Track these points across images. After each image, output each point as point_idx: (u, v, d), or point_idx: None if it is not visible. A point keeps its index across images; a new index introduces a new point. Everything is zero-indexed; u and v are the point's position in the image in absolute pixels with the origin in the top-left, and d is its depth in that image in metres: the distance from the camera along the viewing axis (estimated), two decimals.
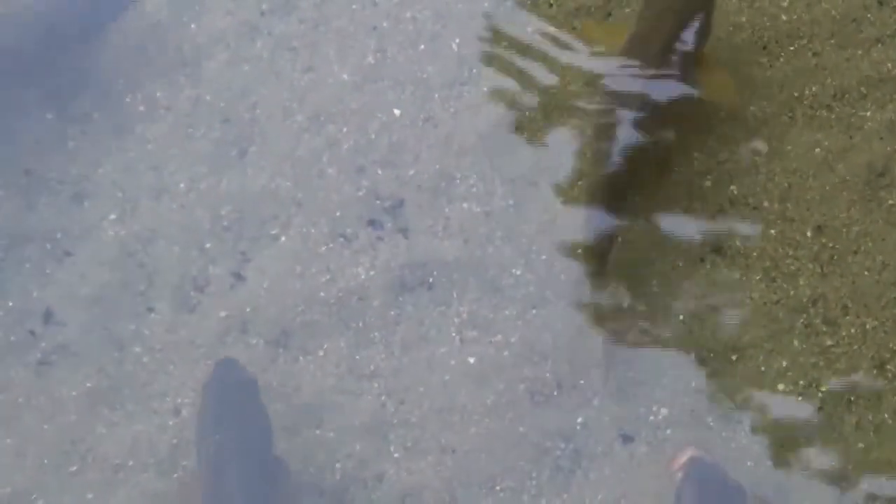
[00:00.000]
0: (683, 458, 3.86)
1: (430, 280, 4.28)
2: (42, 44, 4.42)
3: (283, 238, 4.34)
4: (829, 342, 4.15)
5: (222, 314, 4.23)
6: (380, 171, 4.43)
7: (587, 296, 4.22)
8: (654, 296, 4.23)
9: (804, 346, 4.15)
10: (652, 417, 4.09)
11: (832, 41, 4.59)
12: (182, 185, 4.41)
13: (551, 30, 4.61)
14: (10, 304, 4.23)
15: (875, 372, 4.10)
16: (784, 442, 4.04)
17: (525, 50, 4.61)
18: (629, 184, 4.26)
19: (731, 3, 4.63)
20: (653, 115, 4.29)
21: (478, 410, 4.12)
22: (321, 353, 4.18)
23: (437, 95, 4.55)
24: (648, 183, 4.33)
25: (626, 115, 4.27)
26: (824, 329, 4.17)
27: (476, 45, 4.62)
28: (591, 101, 4.49)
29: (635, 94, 4.30)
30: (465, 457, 4.06)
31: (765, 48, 4.59)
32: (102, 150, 4.46)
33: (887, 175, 4.35)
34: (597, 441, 4.07)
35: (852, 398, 4.09)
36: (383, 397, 4.13)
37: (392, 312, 4.23)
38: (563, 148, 4.45)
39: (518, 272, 4.28)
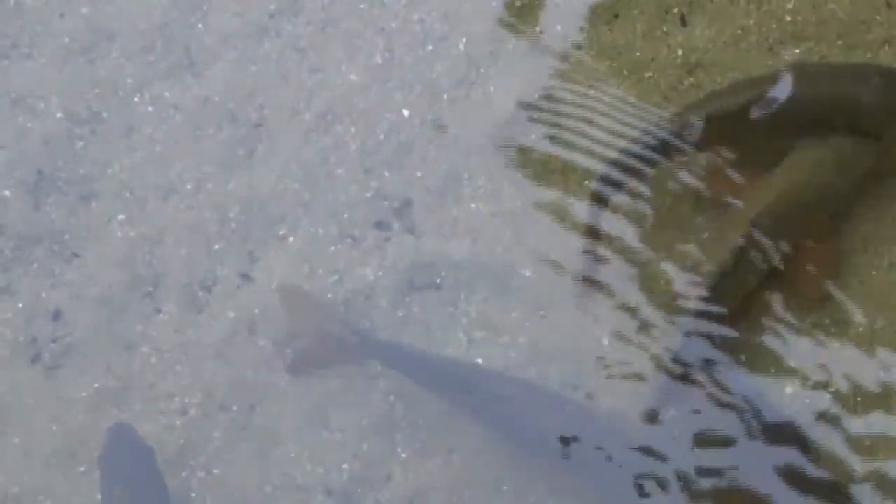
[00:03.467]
0: None
1: (438, 281, 4.28)
2: None
3: (290, 238, 4.34)
4: (837, 342, 4.15)
5: (230, 315, 4.24)
6: (387, 173, 4.44)
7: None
8: (664, 295, 4.23)
9: (813, 345, 4.15)
10: (659, 417, 4.08)
11: (839, 43, 4.58)
12: (190, 186, 4.42)
13: (559, 29, 4.62)
14: (19, 304, 4.24)
15: (883, 372, 4.10)
16: None
17: (532, 50, 4.61)
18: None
19: (739, 6, 4.63)
20: None
21: None
22: None
23: (445, 96, 4.55)
24: None
25: None
26: (833, 329, 4.17)
27: (484, 46, 4.62)
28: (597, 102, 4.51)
29: None
30: (471, 458, 4.07)
31: (771, 49, 4.59)
32: (111, 151, 4.46)
33: None
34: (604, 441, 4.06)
35: (860, 398, 4.09)
36: (391, 397, 4.13)
37: (399, 313, 4.24)
38: (571, 149, 4.45)
39: (526, 273, 4.28)
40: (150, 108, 4.53)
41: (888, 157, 4.26)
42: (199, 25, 4.67)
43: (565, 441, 3.88)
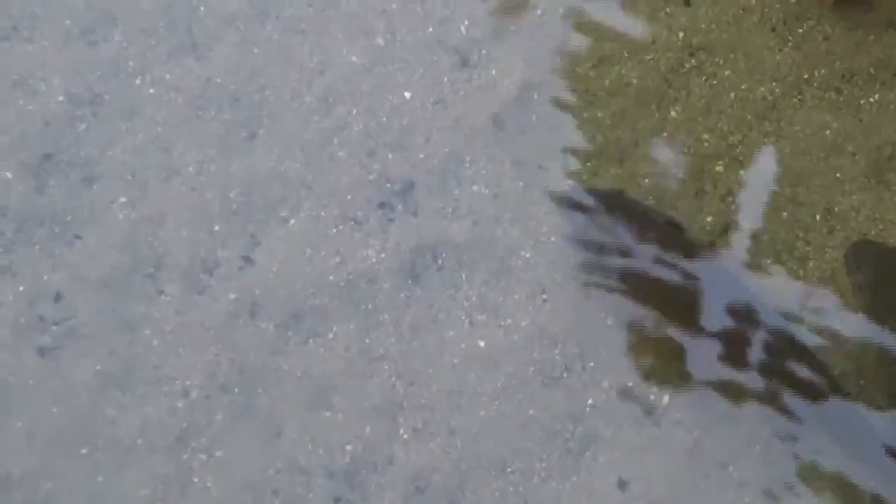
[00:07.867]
0: None
1: (440, 262, 4.28)
2: None
3: (292, 221, 4.34)
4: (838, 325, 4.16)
5: (232, 297, 4.24)
6: (390, 155, 4.43)
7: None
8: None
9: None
10: (663, 401, 4.09)
11: (842, 23, 4.58)
12: (191, 168, 4.41)
13: (560, 11, 4.62)
14: (21, 287, 4.24)
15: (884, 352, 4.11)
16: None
17: (533, 32, 4.61)
18: None
19: None
20: None
21: (487, 393, 4.12)
22: (331, 336, 4.18)
23: (446, 78, 4.55)
24: None
25: None
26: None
27: (486, 28, 4.62)
28: (598, 84, 4.50)
29: None
30: (474, 439, 4.07)
31: (773, 30, 4.58)
32: (112, 133, 4.46)
33: None
34: (606, 423, 4.07)
35: (862, 382, 4.09)
36: (393, 379, 4.13)
37: (402, 295, 4.24)
38: (572, 130, 4.45)
39: (527, 255, 4.29)
40: (151, 91, 4.52)
41: None
42: (201, 7, 4.66)
43: None
